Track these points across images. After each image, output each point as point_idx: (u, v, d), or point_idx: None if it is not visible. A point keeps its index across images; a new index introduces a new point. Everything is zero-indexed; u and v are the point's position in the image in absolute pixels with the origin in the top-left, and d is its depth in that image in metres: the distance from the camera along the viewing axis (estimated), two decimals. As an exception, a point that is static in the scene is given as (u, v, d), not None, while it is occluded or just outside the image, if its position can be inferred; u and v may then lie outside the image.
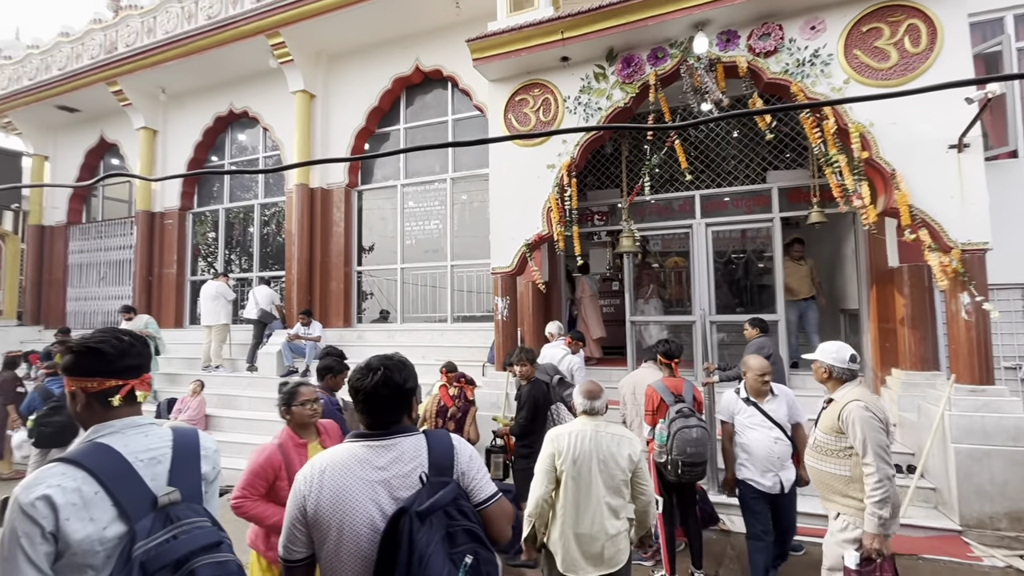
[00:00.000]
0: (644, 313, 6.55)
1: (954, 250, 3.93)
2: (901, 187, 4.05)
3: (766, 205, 5.83)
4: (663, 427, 3.22)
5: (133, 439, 1.25)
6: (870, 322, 5.28)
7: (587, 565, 2.23)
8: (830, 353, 2.54)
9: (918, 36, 4.22)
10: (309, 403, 2.55)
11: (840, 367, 2.50)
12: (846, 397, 2.44)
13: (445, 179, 7.57)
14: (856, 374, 2.52)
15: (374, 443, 1.33)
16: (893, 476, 2.27)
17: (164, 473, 1.25)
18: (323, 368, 3.39)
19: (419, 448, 1.35)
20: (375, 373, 1.36)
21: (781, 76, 4.58)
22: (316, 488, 1.27)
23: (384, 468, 1.29)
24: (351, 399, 1.41)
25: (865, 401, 2.37)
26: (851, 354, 2.51)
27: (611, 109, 5.16)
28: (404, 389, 1.38)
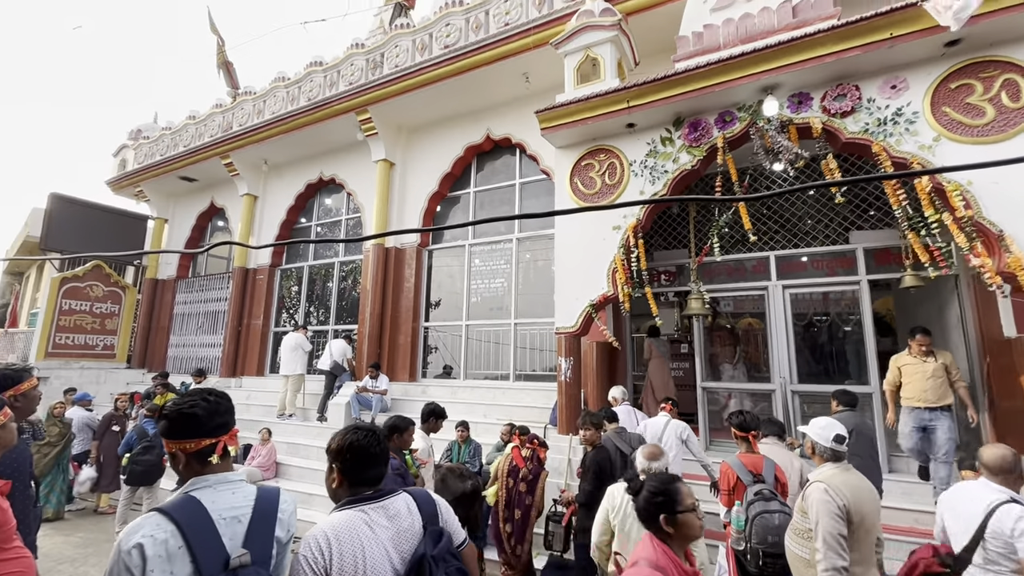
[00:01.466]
0: (722, 377, 6.17)
1: (1089, 321, 3.44)
2: (1012, 249, 3.66)
3: (851, 267, 5.45)
4: (740, 510, 2.93)
5: (222, 495, 1.33)
6: (985, 402, 4.64)
7: None
8: (816, 429, 2.51)
9: (1017, 91, 3.94)
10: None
11: (823, 445, 2.45)
12: (817, 478, 2.36)
13: (511, 239, 7.80)
14: (840, 455, 2.45)
15: (372, 506, 1.50)
16: (842, 568, 2.16)
17: (242, 533, 1.31)
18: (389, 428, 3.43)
19: (411, 505, 1.56)
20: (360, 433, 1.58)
21: (861, 136, 4.41)
22: (336, 555, 1.36)
23: (388, 527, 1.47)
24: (337, 458, 1.57)
25: (830, 484, 2.30)
26: (836, 434, 2.45)
27: (678, 172, 5.17)
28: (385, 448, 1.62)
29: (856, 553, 2.20)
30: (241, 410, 8.66)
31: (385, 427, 3.48)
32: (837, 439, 2.42)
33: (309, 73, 9.16)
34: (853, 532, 2.21)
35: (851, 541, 2.21)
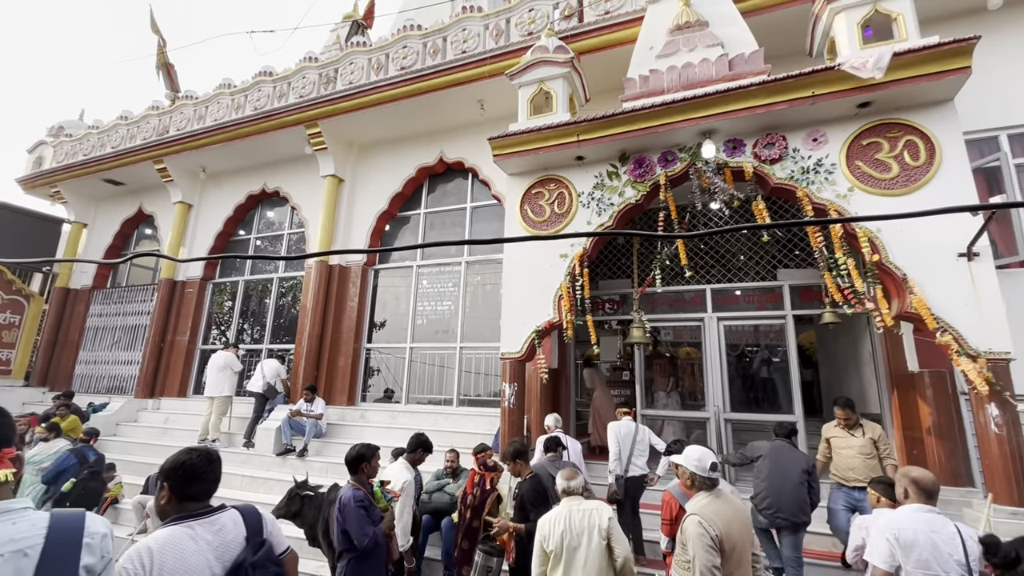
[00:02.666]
0: (657, 405, 6.35)
1: (979, 359, 3.83)
2: (916, 291, 4.05)
3: (778, 302, 5.84)
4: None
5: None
6: (894, 429, 5.03)
7: None
8: (692, 459, 2.54)
9: (917, 151, 4.43)
10: None
11: (701, 475, 2.50)
12: (692, 509, 2.44)
13: (460, 262, 7.77)
14: (715, 483, 2.52)
15: (199, 521, 1.67)
16: None
17: (30, 568, 1.14)
18: (355, 458, 3.31)
19: (236, 519, 1.77)
20: (194, 454, 1.78)
21: (787, 182, 4.78)
22: (157, 567, 1.50)
23: (212, 540, 1.65)
24: (167, 477, 1.73)
25: (703, 516, 2.36)
26: (712, 462, 2.52)
27: (623, 205, 5.37)
28: (217, 470, 1.85)
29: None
30: (157, 435, 7.95)
31: (350, 456, 3.32)
32: (713, 467, 2.52)
33: (257, 82, 8.88)
34: (727, 560, 2.29)
35: (728, 567, 2.29)
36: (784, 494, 3.94)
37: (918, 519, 2.37)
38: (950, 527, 2.35)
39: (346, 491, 3.16)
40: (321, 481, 4.93)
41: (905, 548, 2.30)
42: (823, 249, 4.46)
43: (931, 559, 2.26)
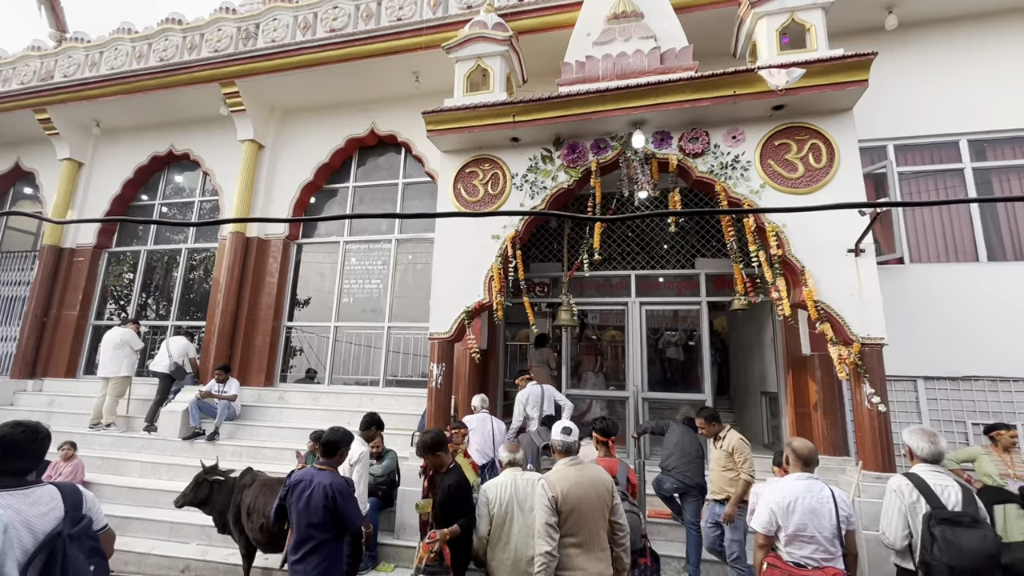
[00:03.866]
0: (585, 385, 6.59)
1: (855, 343, 4.31)
2: (808, 283, 4.46)
3: (695, 289, 6.21)
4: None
5: None
6: (788, 406, 5.57)
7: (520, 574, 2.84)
8: (557, 429, 2.77)
9: (819, 154, 4.84)
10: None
11: (557, 440, 2.74)
12: (545, 474, 2.71)
13: (391, 239, 7.54)
14: (571, 448, 2.71)
15: (14, 493, 1.79)
16: (546, 552, 2.44)
17: None
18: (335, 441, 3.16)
19: (54, 494, 1.88)
20: (18, 429, 1.89)
21: (707, 175, 5.05)
22: None
23: (26, 511, 1.76)
24: None
25: (548, 479, 2.59)
26: (564, 427, 2.73)
27: (555, 189, 5.43)
28: (40, 447, 1.95)
29: (576, 537, 2.50)
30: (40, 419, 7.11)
31: (330, 438, 3.14)
32: (565, 431, 2.74)
33: (164, 31, 7.96)
34: (565, 520, 2.51)
35: (569, 527, 2.51)
36: (691, 462, 4.29)
37: (797, 487, 2.66)
38: (825, 491, 2.65)
39: (328, 477, 2.98)
40: (234, 466, 4.66)
41: (786, 514, 2.60)
42: (734, 242, 4.78)
43: (808, 522, 2.57)
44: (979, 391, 5.13)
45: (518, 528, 2.92)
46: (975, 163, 5.65)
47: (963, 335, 5.19)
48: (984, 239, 5.50)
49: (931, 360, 5.19)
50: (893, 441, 4.29)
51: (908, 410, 5.23)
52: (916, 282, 5.43)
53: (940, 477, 2.68)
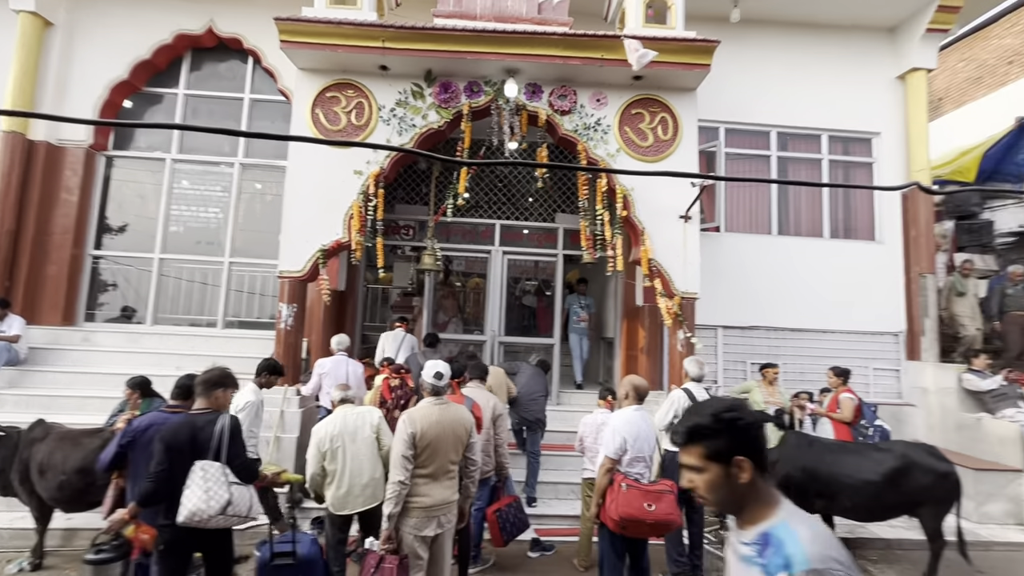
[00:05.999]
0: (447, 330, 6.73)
1: (676, 296, 5.06)
2: (646, 243, 5.06)
3: (553, 242, 6.62)
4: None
5: None
6: (621, 349, 6.39)
7: (356, 503, 3.18)
8: (429, 372, 2.82)
9: (667, 127, 5.38)
10: None
11: (427, 381, 2.81)
12: (409, 411, 2.84)
13: (233, 163, 6.60)
14: (440, 390, 2.79)
15: None
16: (399, 481, 2.59)
17: None
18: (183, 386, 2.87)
19: None
20: None
21: (572, 134, 5.30)
22: None
23: None
24: None
25: (410, 416, 2.71)
26: (436, 371, 2.79)
27: (425, 129, 5.24)
28: None
29: (427, 468, 2.69)
30: None
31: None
32: (437, 376, 2.79)
33: None
34: (420, 452, 2.69)
35: (423, 459, 2.69)
36: (535, 400, 4.74)
37: (636, 416, 3.17)
38: (650, 419, 3.17)
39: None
40: (20, 418, 3.90)
41: (632, 440, 3.09)
42: (586, 200, 5.17)
43: (643, 445, 3.14)
44: (759, 338, 6.43)
45: (351, 458, 3.17)
46: (779, 152, 6.78)
47: (753, 294, 6.38)
48: (777, 217, 6.73)
49: (729, 312, 6.33)
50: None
51: (709, 352, 6.34)
52: (727, 248, 6.47)
53: (701, 390, 3.92)
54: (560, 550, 4.14)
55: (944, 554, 3.81)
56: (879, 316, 6.48)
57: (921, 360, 6.27)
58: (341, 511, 3.17)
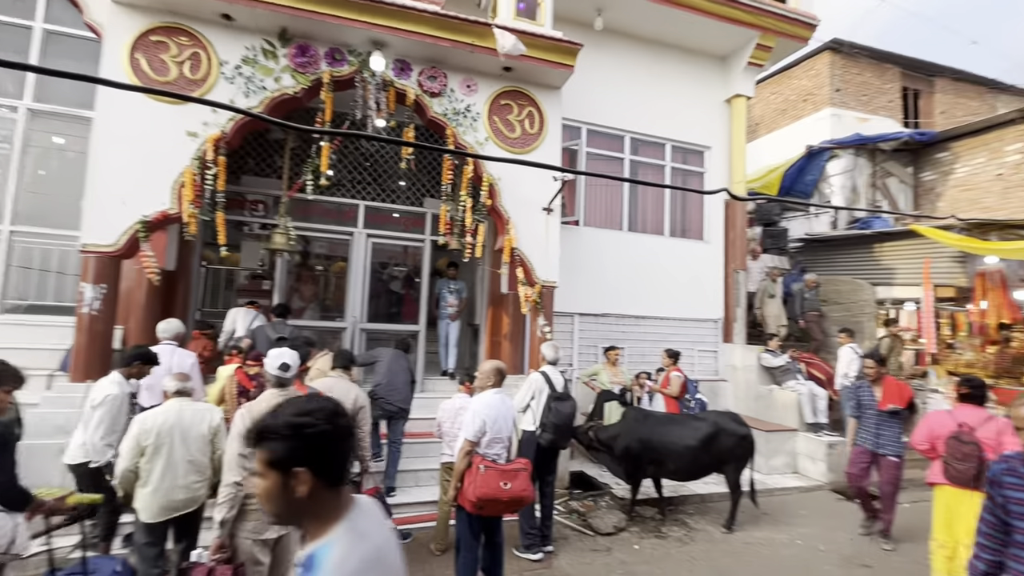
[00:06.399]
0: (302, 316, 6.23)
1: (537, 285, 5.30)
2: (510, 232, 5.21)
3: (421, 227, 6.48)
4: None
5: None
6: (486, 335, 6.52)
7: (173, 508, 2.77)
8: (274, 362, 2.60)
9: (534, 121, 5.57)
10: None
11: (270, 373, 2.60)
12: (250, 404, 2.62)
13: (16, 107, 5.28)
14: (285, 382, 2.59)
15: None
16: (237, 482, 2.37)
17: None
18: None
19: None
20: None
21: (441, 117, 5.22)
22: None
23: None
24: None
25: (248, 408, 2.47)
26: (281, 362, 2.57)
27: (279, 93, 4.73)
28: None
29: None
30: None
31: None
32: (281, 367, 2.58)
33: None
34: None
35: None
36: (399, 388, 4.62)
37: (496, 400, 3.25)
38: (508, 401, 3.29)
39: None
40: None
41: (491, 422, 3.16)
42: (449, 186, 5.15)
43: (502, 426, 3.24)
44: (610, 324, 7.05)
45: (175, 459, 2.76)
46: (631, 156, 7.46)
47: (606, 284, 6.97)
48: (628, 214, 7.42)
49: (585, 301, 6.83)
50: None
51: (566, 338, 6.80)
52: (585, 241, 6.96)
53: (556, 373, 4.21)
54: (417, 536, 4.12)
55: (741, 502, 4.60)
56: (705, 305, 7.53)
57: (733, 343, 7.45)
58: (156, 518, 2.76)
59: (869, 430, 4.29)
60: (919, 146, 10.88)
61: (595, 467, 5.72)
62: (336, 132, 2.25)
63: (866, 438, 4.30)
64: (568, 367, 6.70)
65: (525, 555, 3.87)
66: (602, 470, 5.53)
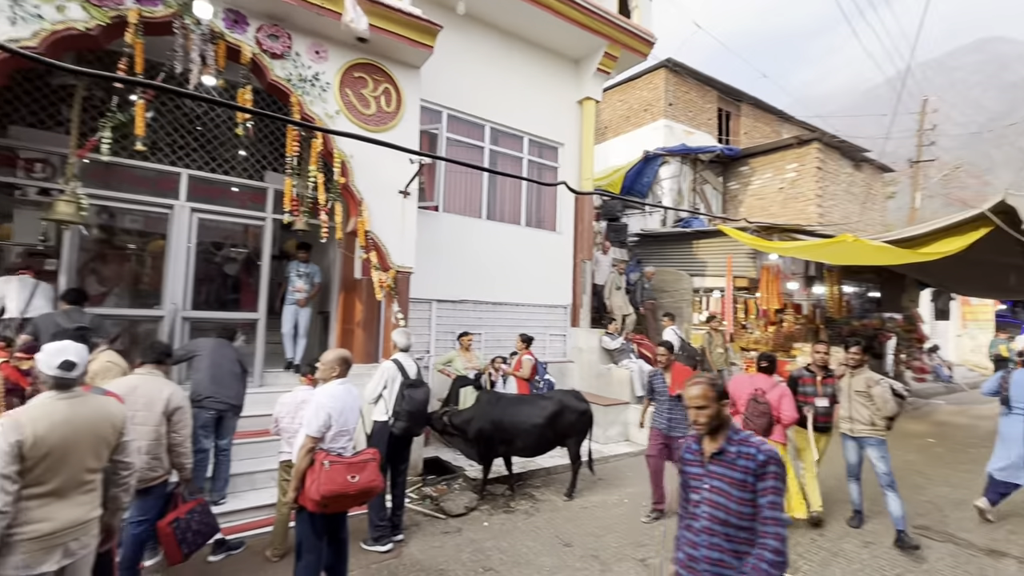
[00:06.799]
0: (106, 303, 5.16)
1: (391, 270, 5.14)
2: (364, 214, 4.95)
3: (262, 203, 5.82)
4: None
5: None
6: (337, 323, 6.15)
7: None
8: (54, 359, 2.10)
9: (390, 99, 5.34)
10: None
11: (47, 374, 2.09)
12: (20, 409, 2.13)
13: None
14: (68, 383, 2.12)
15: None
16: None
17: None
18: None
19: None
20: None
21: (284, 82, 4.71)
22: None
23: None
24: None
25: (17, 419, 2.02)
26: (64, 360, 2.08)
27: (64, 27, 3.81)
28: None
29: (46, 486, 2.03)
30: None
31: None
32: (64, 366, 2.09)
33: None
34: (37, 465, 2.01)
35: (39, 475, 2.02)
36: (226, 383, 4.12)
37: (341, 390, 3.06)
38: (355, 392, 3.13)
39: None
40: None
41: (337, 414, 2.96)
42: (295, 159, 4.71)
43: (348, 418, 3.06)
44: (467, 311, 7.15)
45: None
46: (491, 145, 7.60)
47: (463, 270, 7.04)
48: (487, 203, 7.57)
49: (443, 287, 6.83)
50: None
51: (424, 325, 6.73)
52: (444, 227, 6.93)
53: (409, 360, 4.10)
54: (251, 544, 3.75)
55: (580, 471, 5.06)
56: (556, 292, 8.06)
57: (580, 327, 8.11)
58: None
59: (662, 414, 4.49)
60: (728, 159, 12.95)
61: (450, 451, 5.80)
62: (147, 84, 1.81)
63: (660, 422, 4.50)
64: (425, 354, 6.66)
65: (374, 548, 3.77)
66: (456, 454, 5.64)
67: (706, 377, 2.01)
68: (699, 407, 1.94)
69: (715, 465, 1.93)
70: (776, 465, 1.83)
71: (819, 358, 4.61)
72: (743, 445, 1.90)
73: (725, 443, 1.93)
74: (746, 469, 1.85)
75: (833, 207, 11.98)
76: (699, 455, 2.00)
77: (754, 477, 1.83)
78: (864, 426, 4.25)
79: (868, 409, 4.24)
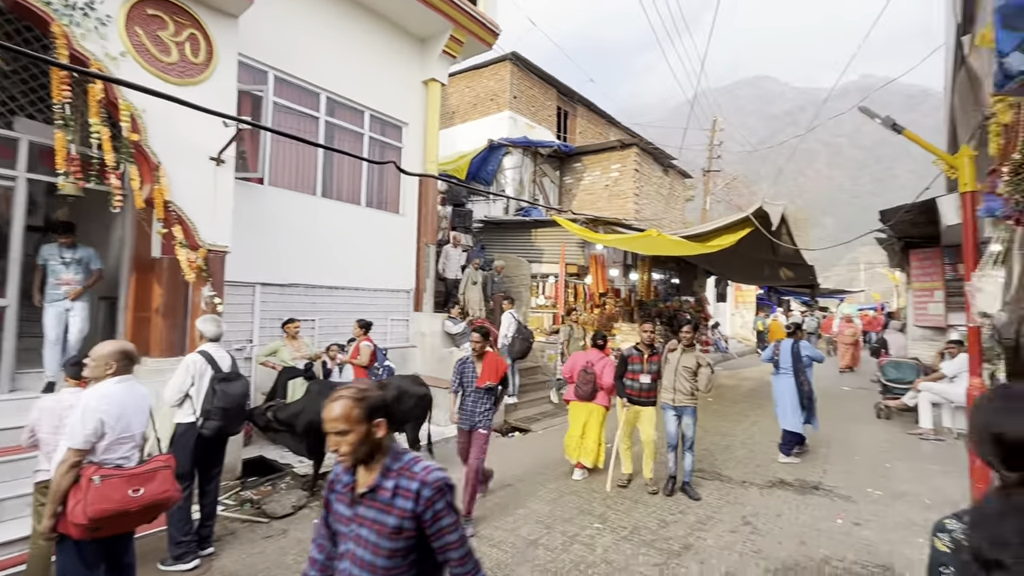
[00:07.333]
0: None
1: (202, 249, 4.46)
2: (162, 181, 4.19)
3: (11, 159, 4.53)
4: None
5: None
6: (128, 311, 5.13)
7: None
8: None
9: (198, 47, 4.56)
10: None
11: None
12: None
13: None
14: None
15: None
16: None
17: None
18: None
19: None
20: None
21: (42, 6, 3.70)
22: None
23: None
24: None
25: None
26: None
27: None
28: None
29: None
30: None
31: None
32: None
33: None
34: None
35: None
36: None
37: (120, 389, 2.57)
38: (141, 390, 2.64)
39: None
40: None
41: (113, 419, 2.49)
42: (67, 106, 3.77)
43: (130, 421, 2.59)
44: (298, 295, 6.57)
45: None
46: (327, 117, 7.03)
47: (293, 251, 6.43)
48: (322, 179, 7.00)
49: (268, 270, 6.15)
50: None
51: (246, 311, 5.99)
52: (270, 202, 6.23)
53: (219, 351, 3.65)
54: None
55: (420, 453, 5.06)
56: (399, 276, 7.86)
57: (423, 311, 8.06)
58: None
59: (467, 408, 4.19)
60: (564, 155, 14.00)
61: (276, 449, 5.32)
62: None
63: (463, 418, 4.20)
64: (248, 343, 5.97)
65: (174, 567, 3.28)
66: (284, 451, 5.19)
67: (352, 390, 1.49)
68: (339, 432, 1.42)
69: (365, 507, 1.44)
70: (447, 493, 1.45)
71: (646, 337, 4.79)
72: (403, 477, 1.44)
73: (380, 477, 1.44)
74: (403, 512, 1.39)
75: (647, 205, 13.82)
76: (349, 490, 1.49)
77: (414, 521, 1.39)
78: (684, 396, 4.74)
79: (690, 383, 4.72)
